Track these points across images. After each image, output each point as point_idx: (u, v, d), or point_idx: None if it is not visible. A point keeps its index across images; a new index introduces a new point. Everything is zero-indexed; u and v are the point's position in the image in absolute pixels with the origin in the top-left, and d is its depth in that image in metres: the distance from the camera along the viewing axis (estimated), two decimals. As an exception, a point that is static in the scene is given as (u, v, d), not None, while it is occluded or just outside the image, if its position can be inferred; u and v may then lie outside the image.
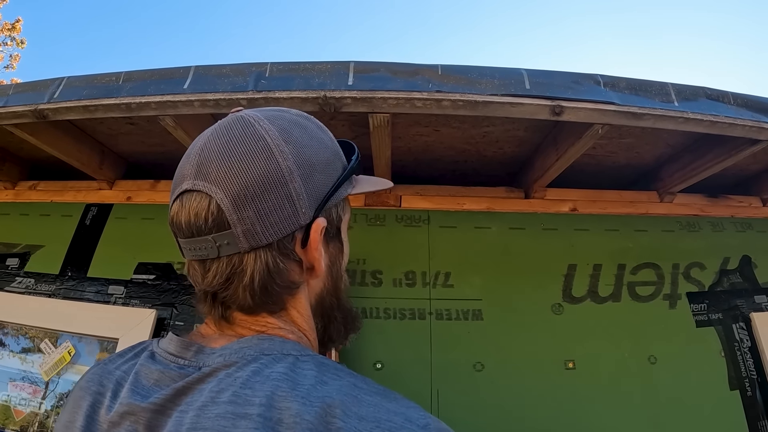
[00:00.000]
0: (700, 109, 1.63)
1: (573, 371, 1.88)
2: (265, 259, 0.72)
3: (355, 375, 0.69)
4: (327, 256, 0.82)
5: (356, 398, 0.63)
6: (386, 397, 0.66)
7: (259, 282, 0.73)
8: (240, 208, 0.70)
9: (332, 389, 0.63)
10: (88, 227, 2.26)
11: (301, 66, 1.63)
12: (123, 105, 1.67)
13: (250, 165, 0.71)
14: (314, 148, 0.78)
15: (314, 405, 0.60)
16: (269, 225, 0.71)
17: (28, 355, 2.04)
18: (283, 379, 0.63)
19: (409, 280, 2.03)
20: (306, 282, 0.80)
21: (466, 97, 1.52)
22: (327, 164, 0.79)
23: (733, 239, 2.22)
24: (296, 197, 0.73)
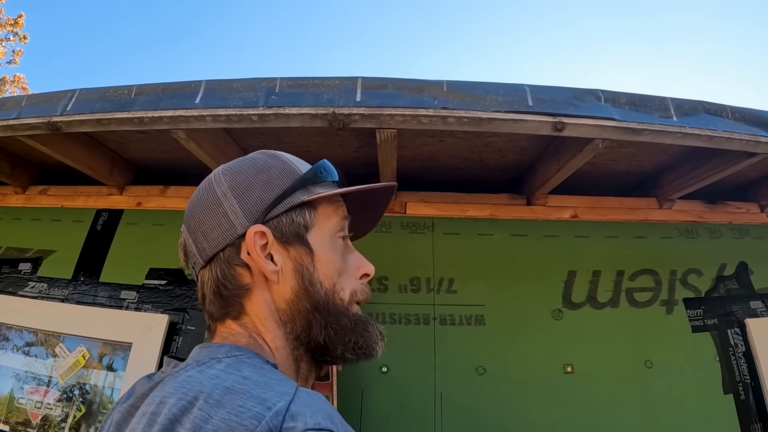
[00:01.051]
0: (698, 124, 1.67)
1: (572, 375, 1.93)
2: (215, 269, 0.85)
3: (261, 371, 0.74)
4: (290, 260, 0.88)
5: (229, 389, 0.68)
6: (264, 386, 0.69)
7: (215, 289, 0.85)
8: (192, 233, 0.87)
9: (213, 382, 0.69)
10: (100, 233, 2.31)
11: (310, 82, 1.66)
12: (136, 119, 1.71)
13: (195, 199, 0.89)
14: (252, 172, 0.89)
15: (185, 398, 0.67)
16: (212, 240, 0.85)
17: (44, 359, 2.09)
18: (183, 380, 0.71)
19: (414, 286, 2.07)
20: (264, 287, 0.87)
21: (470, 114, 1.57)
22: (268, 182, 0.88)
23: (730, 246, 2.26)
24: (231, 213, 0.85)
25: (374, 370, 1.92)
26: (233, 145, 2.01)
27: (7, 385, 2.07)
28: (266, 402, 0.65)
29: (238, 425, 0.62)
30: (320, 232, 0.91)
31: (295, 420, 0.63)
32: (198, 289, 0.89)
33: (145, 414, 0.69)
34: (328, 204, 0.93)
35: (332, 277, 0.90)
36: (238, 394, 0.66)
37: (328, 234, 0.92)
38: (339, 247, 0.93)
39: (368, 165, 2.06)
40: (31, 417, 1.99)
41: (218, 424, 0.63)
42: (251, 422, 0.62)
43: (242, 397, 0.66)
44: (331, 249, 0.92)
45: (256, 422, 0.62)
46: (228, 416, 0.63)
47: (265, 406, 0.65)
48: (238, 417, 0.63)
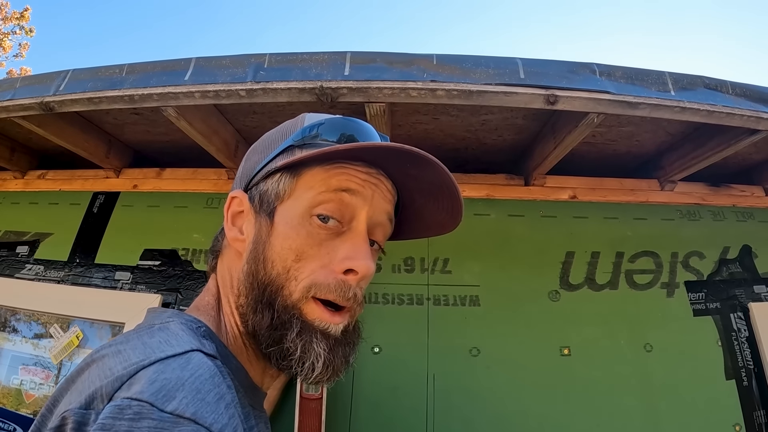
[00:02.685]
0: (697, 99, 1.63)
1: (569, 358, 1.90)
2: None
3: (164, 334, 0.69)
4: (253, 232, 0.81)
5: (119, 353, 0.64)
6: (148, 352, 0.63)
7: None
8: None
9: (112, 347, 0.67)
10: (96, 215, 2.31)
11: (298, 57, 1.65)
12: (126, 97, 1.71)
13: None
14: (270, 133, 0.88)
15: (85, 362, 0.66)
16: None
17: (40, 340, 2.09)
18: (107, 343, 0.70)
19: (407, 266, 2.05)
20: (233, 251, 0.86)
21: (460, 86, 1.54)
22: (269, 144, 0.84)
23: (733, 229, 2.22)
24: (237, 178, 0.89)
25: (366, 351, 1.90)
26: (227, 125, 2.00)
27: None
28: (129, 364, 0.60)
29: (91, 385, 0.59)
30: (294, 204, 0.79)
31: (129, 388, 0.56)
32: None
33: None
34: (319, 170, 0.79)
35: (286, 259, 0.77)
36: (120, 357, 0.62)
37: (302, 207, 0.79)
38: (311, 226, 0.78)
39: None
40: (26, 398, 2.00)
41: (87, 384, 0.60)
42: (95, 384, 0.58)
43: (119, 361, 0.61)
44: (295, 225, 0.78)
45: (98, 383, 0.58)
46: (97, 379, 0.59)
47: (124, 367, 0.60)
48: (101, 380, 0.59)
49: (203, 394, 0.58)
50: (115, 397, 0.55)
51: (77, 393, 0.59)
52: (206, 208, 2.18)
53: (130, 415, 0.53)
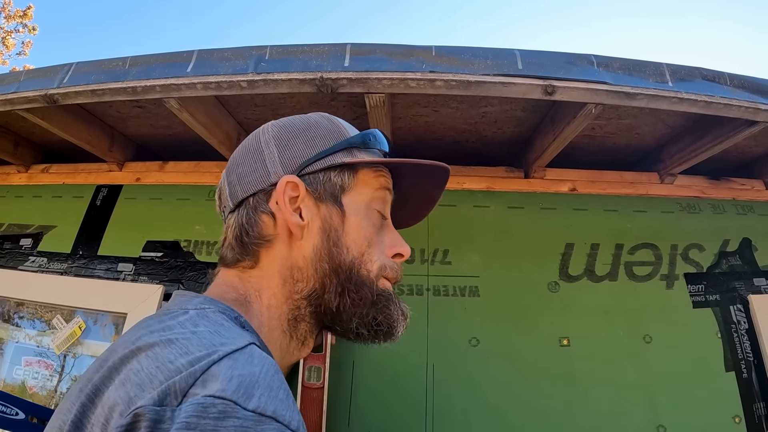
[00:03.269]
0: (695, 90, 1.64)
1: (567, 348, 1.91)
2: (242, 213, 0.83)
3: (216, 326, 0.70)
4: (318, 218, 0.85)
5: (171, 341, 0.63)
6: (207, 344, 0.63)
7: (235, 233, 0.83)
8: (228, 175, 0.86)
9: (161, 335, 0.65)
10: (99, 208, 2.33)
11: (299, 49, 1.67)
12: (129, 89, 1.73)
13: (239, 147, 0.88)
14: (301, 127, 0.87)
15: (131, 347, 0.64)
16: (245, 184, 0.83)
17: (43, 331, 2.11)
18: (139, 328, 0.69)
19: (409, 257, 2.04)
20: (286, 241, 0.84)
21: (458, 77, 1.56)
22: (313, 137, 0.86)
23: (733, 222, 2.22)
24: (269, 161, 0.83)
25: (366, 341, 1.91)
26: (228, 118, 2.02)
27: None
28: (194, 361, 0.59)
29: (158, 382, 0.57)
30: (357, 197, 0.87)
31: (205, 386, 0.56)
32: (222, 234, 0.87)
33: (98, 360, 0.67)
34: (369, 171, 0.88)
35: (361, 245, 0.86)
36: (175, 347, 0.62)
37: (365, 201, 0.88)
38: (374, 218, 0.88)
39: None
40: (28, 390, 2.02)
41: (143, 377, 0.58)
42: (166, 377, 0.57)
43: (176, 352, 0.61)
44: (364, 216, 0.88)
45: (164, 379, 0.57)
46: (154, 371, 0.58)
47: (190, 362, 0.59)
48: (163, 374, 0.57)
49: (275, 391, 0.60)
50: (191, 393, 0.55)
51: (135, 386, 0.57)
52: (208, 201, 2.20)
53: (214, 413, 0.54)
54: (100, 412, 0.57)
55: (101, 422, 0.56)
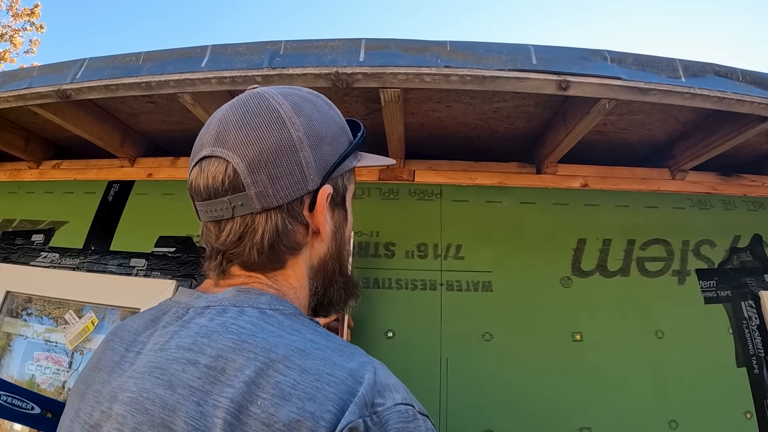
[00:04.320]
0: (707, 86, 1.64)
1: (580, 343, 1.91)
2: (275, 219, 0.80)
3: (318, 332, 0.74)
4: (332, 222, 0.88)
5: (304, 352, 0.67)
6: (341, 353, 0.70)
7: (269, 240, 0.80)
8: (254, 172, 0.77)
9: (283, 343, 0.68)
10: (111, 203, 2.34)
11: (314, 44, 1.67)
12: (143, 83, 1.73)
13: (265, 134, 0.78)
14: (323, 122, 0.85)
15: (257, 360, 0.65)
16: (280, 188, 0.78)
17: (55, 326, 2.12)
18: (239, 332, 0.69)
19: (421, 252, 2.06)
20: (310, 245, 0.87)
21: (473, 72, 1.56)
22: (334, 137, 0.85)
23: (744, 218, 2.22)
24: (305, 165, 0.80)
25: (380, 335, 1.93)
26: (241, 113, 2.02)
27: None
28: (354, 374, 0.66)
29: (335, 396, 0.62)
30: (349, 195, 0.93)
31: (383, 395, 0.65)
32: (229, 231, 0.81)
33: (196, 364, 0.66)
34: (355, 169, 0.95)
35: (348, 241, 0.95)
36: (317, 359, 0.67)
37: (351, 198, 0.94)
38: None
39: (376, 134, 2.05)
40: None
41: (310, 391, 0.62)
42: (347, 396, 0.63)
43: (326, 364, 0.66)
44: (351, 213, 0.95)
45: (350, 396, 0.63)
46: (319, 383, 0.63)
47: (355, 378, 0.65)
48: (332, 387, 0.63)
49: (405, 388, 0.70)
50: (377, 404, 0.64)
51: (308, 401, 0.61)
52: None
53: (409, 418, 0.64)
54: (262, 428, 0.60)
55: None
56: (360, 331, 1.91)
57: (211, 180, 0.79)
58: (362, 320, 1.94)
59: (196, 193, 0.82)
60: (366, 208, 2.15)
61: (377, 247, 2.08)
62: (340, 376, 0.65)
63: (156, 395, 0.65)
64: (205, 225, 0.85)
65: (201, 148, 0.82)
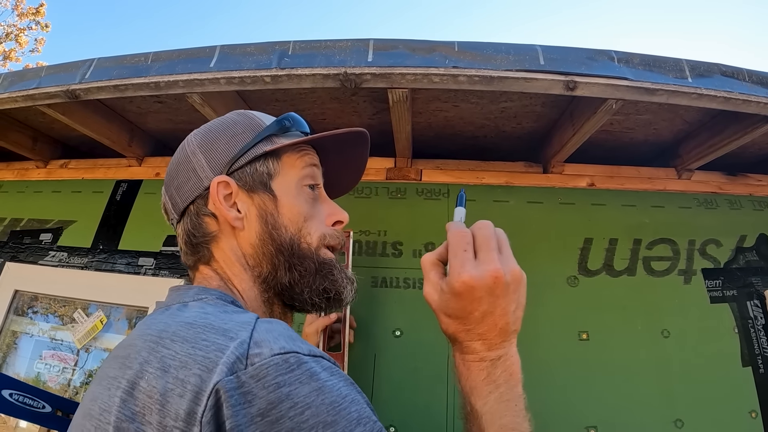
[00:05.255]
0: (714, 86, 1.64)
1: (587, 342, 1.92)
2: (187, 221, 0.92)
3: (226, 310, 0.78)
4: (254, 206, 0.93)
5: (191, 324, 0.71)
6: (227, 320, 0.71)
7: (186, 239, 0.92)
8: (168, 191, 0.95)
9: (176, 321, 0.73)
10: (119, 202, 2.35)
11: (322, 44, 1.68)
12: (152, 84, 1.74)
13: (172, 161, 0.96)
14: (220, 128, 0.96)
15: (151, 340, 0.70)
16: (183, 194, 0.92)
17: (63, 325, 2.13)
18: (150, 323, 0.77)
19: (428, 251, 2.05)
20: (229, 232, 0.93)
21: (481, 72, 1.56)
22: (232, 136, 0.94)
23: (750, 217, 2.22)
24: (198, 168, 0.91)
25: (387, 334, 1.93)
26: (249, 113, 2.03)
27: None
28: (228, 332, 0.67)
29: (203, 358, 0.63)
30: (285, 179, 0.96)
31: (260, 346, 0.65)
32: (178, 244, 0.96)
33: (116, 357, 0.73)
34: (293, 153, 0.97)
35: (297, 222, 0.95)
36: (200, 327, 0.69)
37: (293, 181, 0.97)
38: (305, 194, 0.97)
39: (383, 133, 2.06)
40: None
41: (184, 359, 0.64)
42: (215, 354, 0.63)
43: (204, 331, 0.68)
44: (295, 195, 0.96)
45: (220, 353, 0.63)
46: (192, 350, 0.65)
47: (227, 336, 0.66)
48: (203, 350, 0.65)
49: (301, 340, 0.70)
50: (252, 356, 0.63)
51: (180, 368, 0.63)
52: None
53: (293, 365, 0.63)
54: (147, 401, 0.62)
55: (156, 409, 0.61)
56: (368, 330, 1.92)
57: (163, 213, 0.98)
58: (370, 319, 1.95)
59: None
60: (373, 208, 2.16)
61: (385, 247, 2.08)
62: (212, 338, 0.66)
63: (90, 391, 0.74)
64: None
65: None
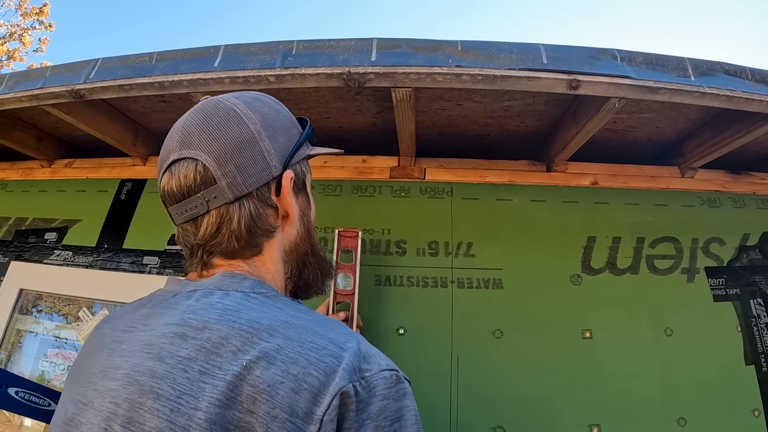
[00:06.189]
0: (716, 84, 1.64)
1: (590, 340, 1.92)
2: (248, 206, 0.86)
3: (300, 308, 0.81)
4: (297, 206, 0.95)
5: (287, 323, 0.73)
6: (322, 325, 0.76)
7: (245, 225, 0.86)
8: (222, 165, 0.83)
9: (266, 317, 0.74)
10: (123, 201, 2.36)
11: (326, 43, 1.68)
12: (156, 83, 1.74)
13: (226, 130, 0.85)
14: (274, 116, 0.93)
15: (242, 329, 0.71)
16: (248, 176, 0.85)
17: (67, 323, 2.14)
18: (223, 309, 0.75)
19: (432, 249, 2.07)
20: (281, 228, 0.93)
21: (484, 71, 1.56)
22: (287, 129, 0.94)
23: (753, 216, 2.22)
24: (266, 153, 0.87)
25: (391, 332, 1.94)
26: (252, 113, 2.03)
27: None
28: (335, 341, 0.72)
29: (319, 362, 0.68)
30: (308, 182, 1.01)
31: (369, 362, 0.71)
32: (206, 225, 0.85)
33: (181, 336, 0.72)
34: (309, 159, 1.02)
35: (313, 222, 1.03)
36: (300, 328, 0.73)
37: (309, 184, 1.02)
38: None
39: (387, 132, 2.07)
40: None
41: (293, 356, 0.68)
42: (331, 360, 0.68)
43: (307, 333, 0.72)
44: (312, 198, 1.04)
45: (336, 361, 0.69)
46: (302, 349, 0.69)
47: (337, 344, 0.71)
48: (316, 354, 0.69)
49: None
50: (363, 369, 0.70)
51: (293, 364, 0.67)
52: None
53: (395, 381, 0.72)
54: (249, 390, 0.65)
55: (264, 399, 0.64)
56: (372, 328, 1.92)
57: (183, 180, 0.84)
58: (374, 317, 1.95)
59: (170, 197, 0.87)
60: (377, 206, 2.17)
61: (388, 245, 2.09)
62: (321, 343, 0.71)
63: (145, 367, 0.70)
64: (181, 227, 0.90)
65: (168, 155, 0.87)
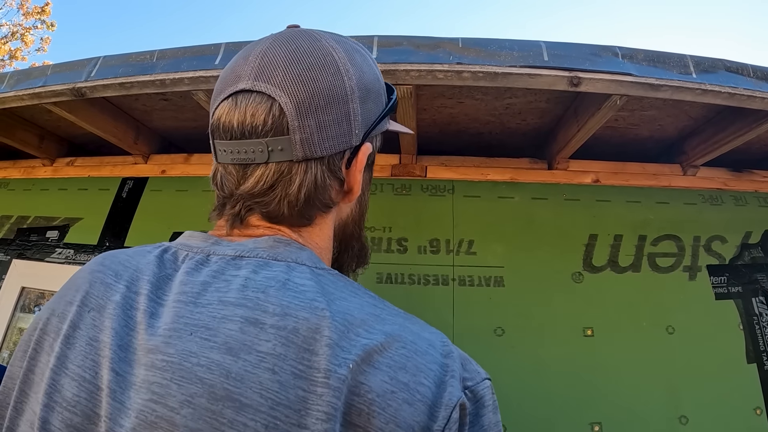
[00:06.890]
0: (718, 81, 1.64)
1: (591, 338, 1.92)
2: (315, 171, 0.73)
3: (371, 294, 0.70)
4: (362, 183, 0.81)
5: (378, 317, 0.64)
6: (407, 318, 0.68)
7: (305, 194, 0.72)
8: (303, 116, 0.69)
9: (354, 306, 0.64)
10: (125, 200, 2.36)
11: (327, 41, 1.68)
12: (157, 81, 1.74)
13: (319, 76, 0.71)
14: (370, 76, 0.78)
15: (335, 320, 0.59)
16: (326, 138, 0.71)
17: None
18: (300, 290, 0.63)
19: (433, 247, 2.07)
20: (338, 204, 0.81)
21: (485, 68, 1.56)
22: (377, 95, 0.80)
23: (755, 214, 2.22)
24: (353, 117, 0.74)
25: (393, 330, 1.92)
26: (253, 110, 2.04)
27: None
28: (433, 343, 0.64)
29: (427, 369, 0.60)
30: None
31: (469, 370, 0.64)
32: (258, 178, 0.72)
33: (256, 324, 0.59)
34: None
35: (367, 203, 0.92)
36: (395, 325, 0.65)
37: None
38: None
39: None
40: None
41: (398, 359, 0.59)
42: (438, 368, 0.61)
43: (403, 330, 0.64)
44: None
45: (444, 369, 0.62)
46: (408, 353, 0.61)
47: (436, 348, 0.64)
48: (420, 357, 0.61)
49: None
50: (464, 378, 0.63)
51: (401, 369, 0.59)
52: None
53: (491, 389, 0.65)
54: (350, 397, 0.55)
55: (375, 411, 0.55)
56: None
57: (249, 117, 0.70)
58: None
59: (225, 130, 0.72)
60: (379, 204, 2.16)
61: (390, 243, 2.09)
62: (423, 346, 0.62)
63: (212, 361, 0.57)
64: (223, 166, 0.75)
65: (236, 81, 0.72)
